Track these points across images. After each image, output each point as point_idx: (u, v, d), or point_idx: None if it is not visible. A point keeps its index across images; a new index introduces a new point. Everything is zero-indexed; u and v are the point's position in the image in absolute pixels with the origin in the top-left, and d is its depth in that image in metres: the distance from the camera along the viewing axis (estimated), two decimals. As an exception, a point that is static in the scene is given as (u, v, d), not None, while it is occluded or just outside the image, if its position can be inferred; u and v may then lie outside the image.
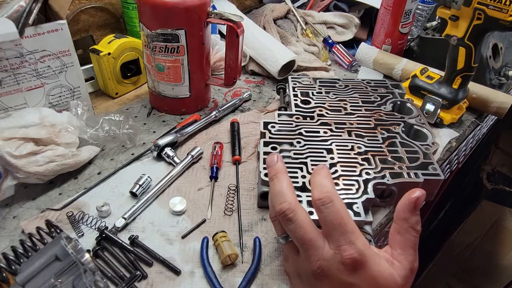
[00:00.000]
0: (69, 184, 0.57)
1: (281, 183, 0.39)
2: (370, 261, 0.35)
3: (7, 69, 0.57)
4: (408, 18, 0.87)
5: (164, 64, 0.66)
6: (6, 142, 0.51)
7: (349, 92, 0.68)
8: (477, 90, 0.76)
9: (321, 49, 0.92)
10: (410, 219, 0.36)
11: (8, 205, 0.53)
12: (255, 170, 0.61)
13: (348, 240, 0.34)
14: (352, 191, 0.48)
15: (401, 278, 0.35)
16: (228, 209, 0.54)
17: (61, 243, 0.39)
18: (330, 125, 0.59)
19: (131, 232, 0.50)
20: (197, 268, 0.46)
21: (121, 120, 0.63)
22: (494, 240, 1.39)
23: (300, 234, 0.36)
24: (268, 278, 0.46)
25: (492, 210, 1.39)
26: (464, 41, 0.64)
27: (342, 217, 0.35)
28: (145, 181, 0.56)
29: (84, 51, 0.76)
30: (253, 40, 0.85)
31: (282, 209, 0.37)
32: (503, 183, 1.41)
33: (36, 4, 0.58)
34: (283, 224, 0.38)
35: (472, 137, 0.88)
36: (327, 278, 0.35)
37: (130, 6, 0.82)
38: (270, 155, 0.42)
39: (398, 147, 0.56)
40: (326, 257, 0.35)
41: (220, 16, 0.63)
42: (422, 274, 1.51)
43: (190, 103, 0.72)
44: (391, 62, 0.87)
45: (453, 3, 0.62)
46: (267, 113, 0.75)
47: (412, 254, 0.36)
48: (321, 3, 1.07)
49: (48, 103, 0.65)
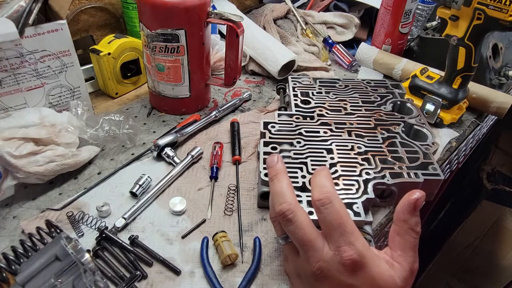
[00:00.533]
0: (69, 184, 0.57)
1: (281, 184, 0.39)
2: (369, 263, 0.34)
3: (7, 69, 0.57)
4: (408, 18, 0.87)
5: (164, 64, 0.66)
6: (6, 142, 0.51)
7: (349, 92, 0.68)
8: (477, 90, 0.76)
9: (321, 49, 0.92)
10: (409, 220, 0.36)
11: (8, 205, 0.53)
12: (255, 170, 0.61)
13: (348, 241, 0.34)
14: (352, 191, 0.48)
15: (401, 279, 0.35)
16: (228, 209, 0.54)
17: (61, 243, 0.39)
18: (330, 125, 0.59)
19: (131, 232, 0.50)
20: (197, 268, 0.46)
21: (121, 120, 0.63)
22: (494, 240, 1.39)
23: (300, 235, 0.36)
24: (268, 278, 0.46)
25: (492, 210, 1.39)
26: (464, 41, 0.64)
27: (341, 217, 0.35)
28: (145, 181, 0.56)
29: (84, 51, 0.76)
30: (253, 40, 0.85)
31: (282, 209, 0.36)
32: (503, 183, 1.41)
33: (36, 4, 0.58)
34: (283, 224, 0.37)
35: (472, 137, 0.88)
36: (326, 279, 0.35)
37: (130, 6, 0.82)
38: (271, 155, 0.42)
39: (398, 147, 0.56)
40: (325, 258, 0.35)
41: (220, 16, 0.63)
42: (422, 274, 1.51)
43: (190, 103, 0.72)
44: (391, 62, 0.87)
45: (453, 3, 0.62)
46: (267, 113, 0.75)
47: (412, 255, 0.36)
48: (321, 3, 1.07)
49: (48, 103, 0.65)
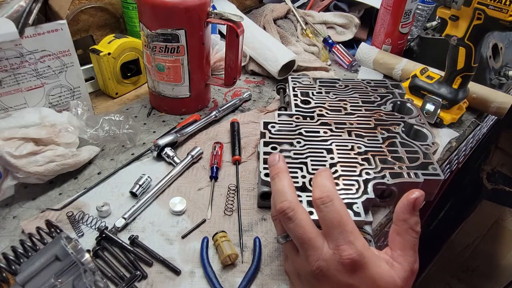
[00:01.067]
0: (69, 184, 0.57)
1: (282, 182, 0.39)
2: (369, 263, 0.34)
3: (7, 69, 0.57)
4: (408, 18, 0.88)
5: (164, 64, 0.66)
6: (6, 142, 0.51)
7: (349, 92, 0.68)
8: (477, 90, 0.76)
9: (321, 49, 0.92)
10: (409, 220, 0.36)
11: (8, 205, 0.53)
12: (255, 170, 0.61)
13: (347, 240, 0.34)
14: (352, 191, 0.48)
15: (401, 279, 0.35)
16: (228, 209, 0.54)
17: (61, 243, 0.39)
18: (330, 125, 0.59)
19: (131, 232, 0.50)
20: (197, 268, 0.46)
21: (121, 120, 0.63)
22: (494, 240, 1.39)
23: (300, 233, 0.36)
24: (268, 278, 0.46)
25: (492, 210, 1.39)
26: (464, 41, 0.64)
27: (341, 216, 0.35)
28: (145, 181, 0.56)
29: (84, 51, 0.76)
30: (253, 40, 0.85)
31: (283, 207, 0.37)
32: (503, 183, 1.41)
33: (36, 4, 0.58)
34: (283, 222, 0.38)
35: (472, 137, 0.88)
36: (326, 278, 0.35)
37: (130, 6, 0.82)
38: (272, 154, 0.42)
39: (398, 147, 0.56)
40: (325, 257, 0.35)
41: (220, 16, 0.63)
42: (422, 274, 1.51)
43: (190, 103, 0.72)
44: (391, 62, 0.87)
45: (453, 3, 0.62)
46: (267, 113, 0.75)
47: (412, 255, 0.36)
48: (321, 3, 1.07)
49: (48, 103, 0.65)
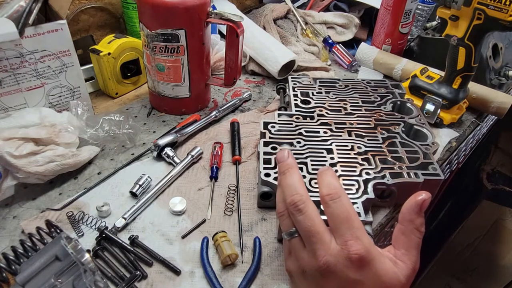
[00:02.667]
0: (69, 184, 0.57)
1: (292, 177, 0.39)
2: (375, 259, 0.35)
3: (7, 69, 0.57)
4: (408, 18, 0.87)
5: (164, 64, 0.66)
6: (6, 142, 0.51)
7: (349, 92, 0.68)
8: (477, 90, 0.76)
9: (321, 49, 0.92)
10: (415, 221, 0.37)
11: (8, 205, 0.53)
12: (255, 170, 0.61)
13: (355, 235, 0.35)
14: (352, 191, 0.48)
15: (404, 277, 0.36)
16: (228, 209, 0.54)
17: (61, 243, 0.39)
18: (330, 125, 0.59)
19: (131, 232, 0.50)
20: (197, 268, 0.46)
21: (121, 120, 0.63)
22: (494, 240, 1.39)
23: (309, 226, 0.36)
24: (268, 278, 0.46)
25: (492, 210, 1.39)
26: (464, 41, 0.64)
27: (349, 212, 0.36)
28: (145, 181, 0.56)
29: (84, 51, 0.76)
30: (253, 40, 0.85)
31: (294, 200, 0.37)
32: (503, 183, 1.41)
33: (36, 4, 0.58)
34: (292, 215, 0.38)
35: (472, 137, 0.88)
36: (333, 274, 0.35)
37: (130, 6, 0.82)
38: (280, 151, 0.43)
39: (398, 147, 0.56)
40: (332, 252, 0.35)
41: (220, 16, 0.63)
42: (422, 274, 1.51)
43: (190, 103, 0.72)
44: (391, 62, 0.87)
45: (453, 3, 0.62)
46: (267, 113, 0.75)
47: (415, 255, 0.37)
48: (321, 3, 1.07)
49: (48, 103, 0.65)
